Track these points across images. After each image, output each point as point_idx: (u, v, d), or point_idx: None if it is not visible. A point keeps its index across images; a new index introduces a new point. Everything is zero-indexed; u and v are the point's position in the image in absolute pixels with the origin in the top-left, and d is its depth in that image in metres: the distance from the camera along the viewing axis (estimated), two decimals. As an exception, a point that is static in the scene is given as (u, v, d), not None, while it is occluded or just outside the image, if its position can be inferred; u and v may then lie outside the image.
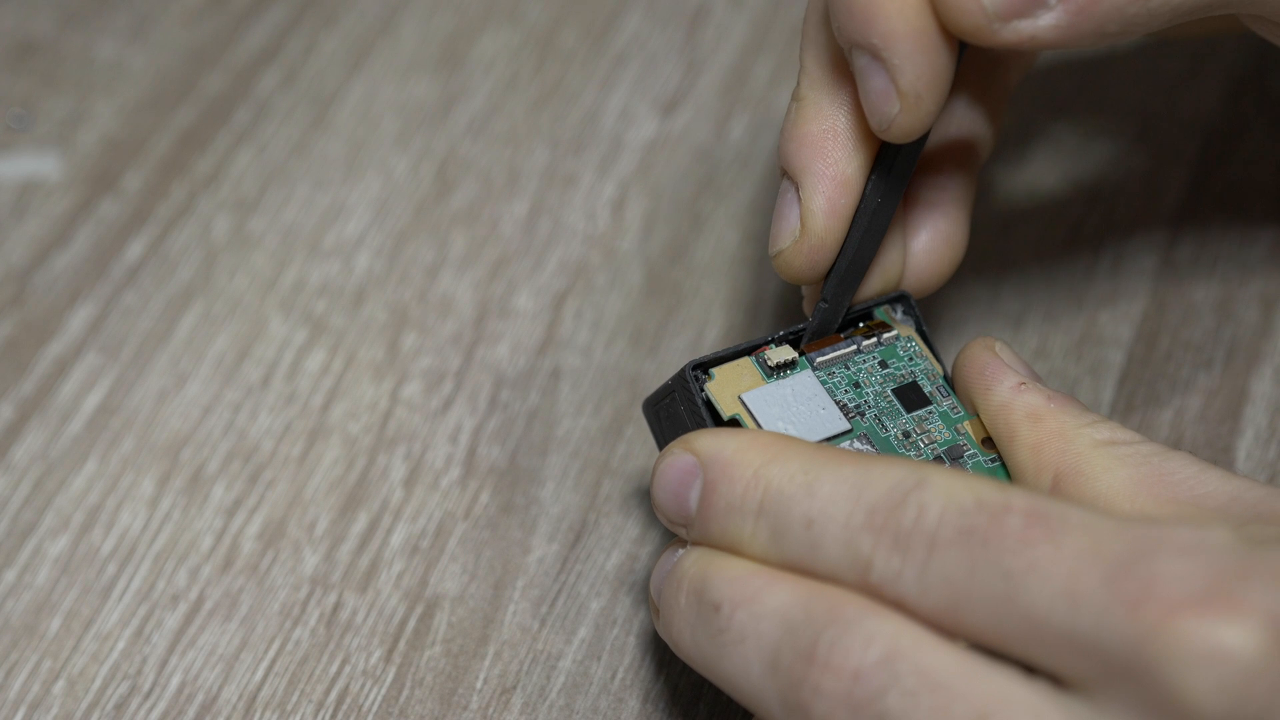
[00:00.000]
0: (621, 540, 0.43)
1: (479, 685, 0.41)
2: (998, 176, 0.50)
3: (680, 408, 0.38)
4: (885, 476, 0.33)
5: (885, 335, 0.40)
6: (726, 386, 0.38)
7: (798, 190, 0.39)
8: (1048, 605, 0.31)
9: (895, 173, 0.38)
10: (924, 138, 0.38)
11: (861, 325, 0.40)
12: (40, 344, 0.47)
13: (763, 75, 0.54)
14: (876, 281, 0.40)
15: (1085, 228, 0.49)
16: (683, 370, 0.38)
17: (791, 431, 0.37)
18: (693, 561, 0.35)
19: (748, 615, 0.34)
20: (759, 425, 0.37)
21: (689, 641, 0.35)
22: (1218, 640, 0.29)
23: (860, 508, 0.33)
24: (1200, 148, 0.51)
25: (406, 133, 0.53)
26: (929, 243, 0.41)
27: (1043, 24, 0.36)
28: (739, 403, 0.38)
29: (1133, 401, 0.45)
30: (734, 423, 0.38)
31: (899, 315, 0.40)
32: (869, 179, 0.39)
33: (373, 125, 0.53)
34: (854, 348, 0.39)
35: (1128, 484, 0.35)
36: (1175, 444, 0.44)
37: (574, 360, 0.47)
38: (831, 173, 0.39)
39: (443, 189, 0.51)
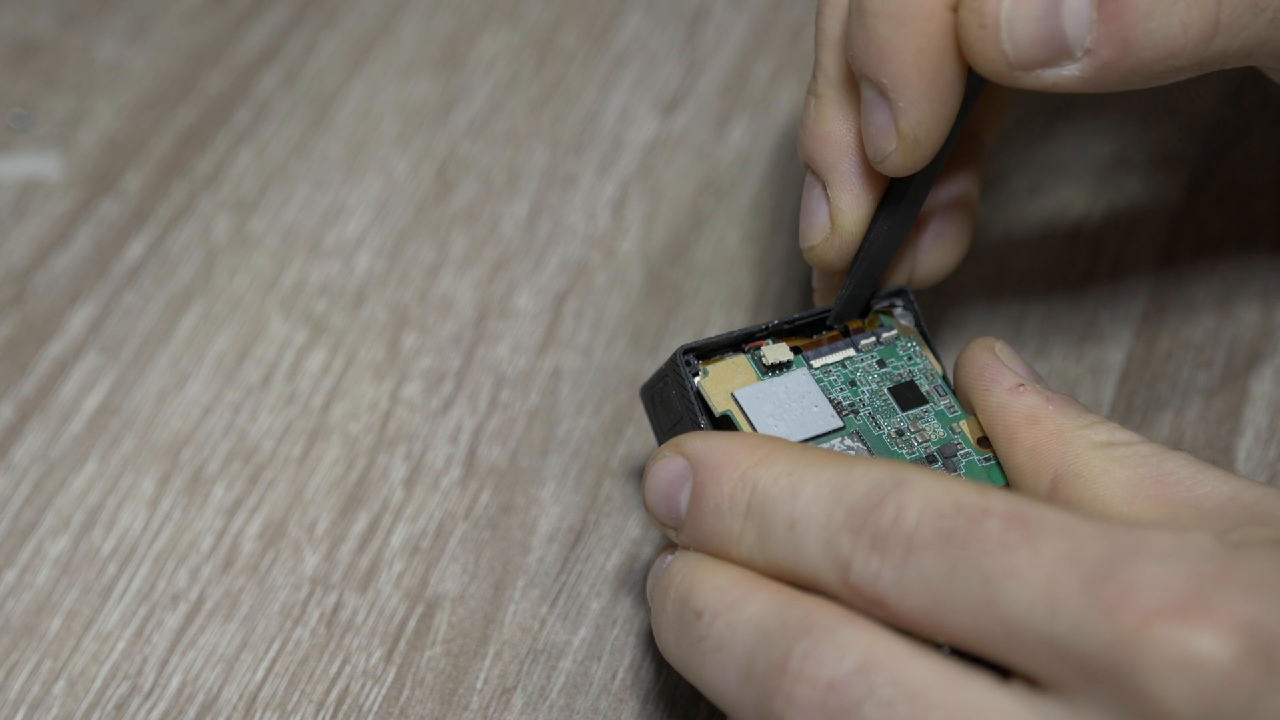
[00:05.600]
0: (622, 540, 0.43)
1: (479, 685, 0.41)
2: (998, 177, 0.50)
3: (671, 392, 0.38)
4: (865, 477, 0.33)
5: (885, 335, 0.40)
6: (720, 383, 0.38)
7: (824, 188, 0.40)
8: (1026, 609, 0.31)
9: (920, 178, 0.39)
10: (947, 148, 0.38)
11: (861, 322, 0.40)
12: (40, 344, 0.47)
13: (763, 75, 0.54)
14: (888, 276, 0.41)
15: (1085, 228, 0.49)
16: (674, 355, 0.38)
17: (782, 428, 0.37)
18: (679, 567, 0.35)
19: (725, 624, 0.34)
20: (750, 422, 0.37)
21: (674, 647, 0.35)
22: (1193, 648, 0.29)
23: (840, 508, 0.33)
24: (1200, 148, 0.51)
25: (407, 133, 0.53)
26: (934, 240, 0.42)
27: (1066, 74, 0.36)
28: (731, 399, 0.38)
29: (1133, 401, 0.45)
30: (726, 419, 0.38)
31: (898, 309, 0.40)
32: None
33: (373, 125, 0.53)
34: (852, 349, 0.39)
35: (1125, 485, 0.35)
36: (1175, 444, 0.44)
37: (574, 360, 0.47)
38: (858, 170, 0.39)
39: (443, 189, 0.51)
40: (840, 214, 0.39)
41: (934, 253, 0.42)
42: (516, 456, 0.45)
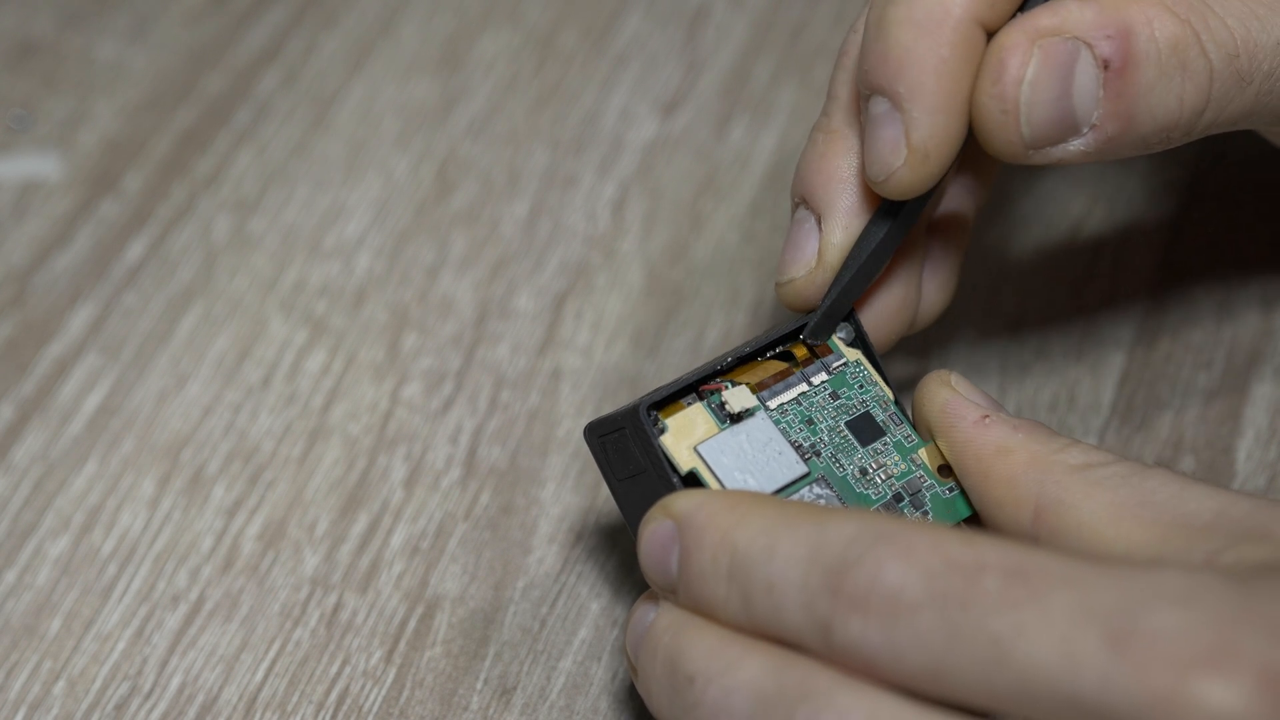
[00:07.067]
0: (621, 541, 0.43)
1: (479, 686, 0.41)
2: (998, 177, 0.50)
3: (631, 445, 0.37)
4: (841, 533, 0.32)
5: (834, 364, 0.39)
6: (681, 438, 0.37)
7: (818, 222, 0.39)
8: (1045, 667, 0.30)
9: (907, 210, 0.39)
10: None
11: (809, 351, 0.40)
12: (41, 344, 0.47)
13: (763, 75, 0.54)
14: (896, 324, 0.41)
15: (1085, 228, 0.49)
16: (636, 409, 0.37)
17: (751, 482, 0.37)
18: (665, 628, 0.35)
19: (719, 690, 0.33)
20: (716, 477, 0.37)
21: (666, 713, 0.34)
22: (1232, 699, 0.28)
23: (816, 568, 0.32)
24: (1200, 148, 0.51)
25: (407, 133, 0.53)
26: (930, 278, 0.42)
27: (1071, 149, 0.37)
28: (695, 455, 0.37)
29: (1133, 402, 0.45)
30: (692, 476, 0.37)
31: (841, 333, 0.40)
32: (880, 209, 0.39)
33: (373, 126, 0.53)
34: (804, 384, 0.39)
35: (1109, 509, 0.34)
36: (1176, 444, 0.45)
37: (574, 361, 0.47)
38: (854, 205, 0.39)
39: (443, 189, 0.51)
40: (831, 249, 0.39)
41: (931, 292, 0.42)
42: (516, 457, 0.45)
